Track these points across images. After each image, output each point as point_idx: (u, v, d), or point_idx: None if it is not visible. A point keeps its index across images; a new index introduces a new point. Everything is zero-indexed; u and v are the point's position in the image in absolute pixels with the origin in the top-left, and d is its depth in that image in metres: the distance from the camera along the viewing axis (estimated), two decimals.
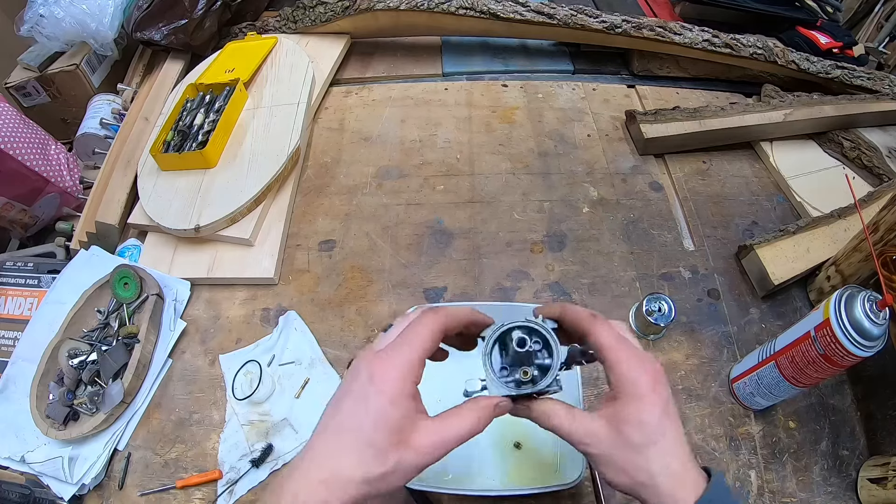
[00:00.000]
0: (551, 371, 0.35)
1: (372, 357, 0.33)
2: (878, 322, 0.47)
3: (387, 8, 0.87)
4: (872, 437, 0.61)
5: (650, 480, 0.33)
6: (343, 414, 0.32)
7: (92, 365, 0.61)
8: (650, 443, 0.33)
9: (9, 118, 0.76)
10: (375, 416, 0.31)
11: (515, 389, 0.36)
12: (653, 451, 0.33)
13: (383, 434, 0.31)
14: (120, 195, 0.77)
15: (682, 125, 0.83)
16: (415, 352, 0.33)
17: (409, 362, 0.33)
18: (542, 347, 0.37)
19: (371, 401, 0.32)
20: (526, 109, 0.92)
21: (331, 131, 0.88)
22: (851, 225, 0.72)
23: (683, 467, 0.33)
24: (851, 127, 0.87)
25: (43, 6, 0.84)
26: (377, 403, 0.31)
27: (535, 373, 0.36)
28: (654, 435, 0.33)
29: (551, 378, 0.35)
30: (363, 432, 0.31)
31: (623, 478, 0.34)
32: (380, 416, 0.31)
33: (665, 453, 0.33)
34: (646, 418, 0.33)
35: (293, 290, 0.71)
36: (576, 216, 0.78)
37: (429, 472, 0.54)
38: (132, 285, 0.66)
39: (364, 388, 0.32)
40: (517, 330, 0.36)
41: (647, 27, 0.89)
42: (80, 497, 0.57)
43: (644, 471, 0.33)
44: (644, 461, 0.33)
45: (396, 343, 0.34)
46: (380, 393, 0.31)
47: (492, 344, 0.37)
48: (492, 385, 0.36)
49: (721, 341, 0.67)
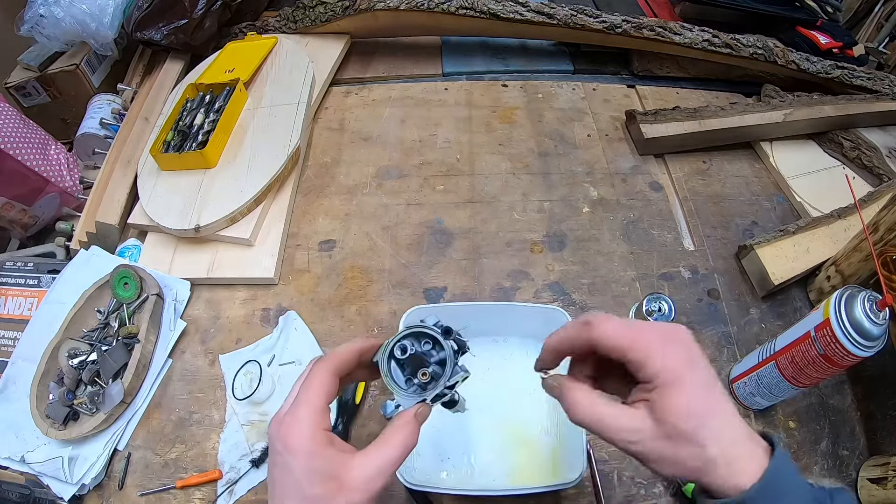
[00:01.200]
0: (448, 361, 0.36)
1: (278, 426, 0.34)
2: (878, 322, 0.47)
3: (387, 8, 0.87)
4: (872, 437, 0.61)
5: (707, 466, 0.30)
6: (277, 486, 0.33)
7: (92, 365, 0.61)
8: (700, 428, 0.30)
9: (9, 118, 0.76)
10: (302, 477, 0.32)
11: (424, 393, 0.37)
12: (705, 436, 0.30)
13: (319, 487, 0.32)
14: (120, 195, 0.77)
15: (682, 125, 0.83)
16: (311, 404, 0.34)
17: (311, 416, 0.33)
18: (434, 346, 0.38)
19: (292, 466, 0.32)
20: (526, 109, 0.92)
21: (331, 131, 0.88)
22: (851, 225, 0.72)
23: (741, 444, 0.31)
24: (851, 127, 0.87)
25: (43, 6, 0.84)
26: (299, 466, 0.32)
27: (434, 371, 0.37)
28: (704, 418, 0.30)
29: (450, 368, 0.36)
30: (302, 494, 0.32)
31: (676, 469, 0.31)
32: (307, 475, 0.32)
33: (718, 435, 0.30)
34: (691, 404, 0.30)
35: (293, 290, 0.71)
36: (576, 216, 0.78)
37: (429, 473, 0.54)
38: (132, 285, 0.66)
39: (283, 457, 0.33)
40: (399, 342, 0.37)
41: (647, 27, 0.89)
42: (80, 497, 0.57)
43: (698, 458, 0.30)
44: (697, 449, 0.30)
45: (295, 403, 0.34)
46: (296, 456, 0.32)
47: (386, 364, 0.37)
48: (402, 399, 0.37)
49: (721, 341, 0.67)
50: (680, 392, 0.30)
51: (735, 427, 0.31)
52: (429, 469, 0.55)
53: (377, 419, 0.60)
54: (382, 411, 0.37)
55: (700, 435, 0.30)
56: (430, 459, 0.56)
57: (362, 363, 0.38)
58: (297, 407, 0.34)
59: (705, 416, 0.30)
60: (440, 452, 0.56)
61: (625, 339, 0.32)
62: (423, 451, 0.56)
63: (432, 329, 0.37)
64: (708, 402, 0.31)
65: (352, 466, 0.33)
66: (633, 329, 0.32)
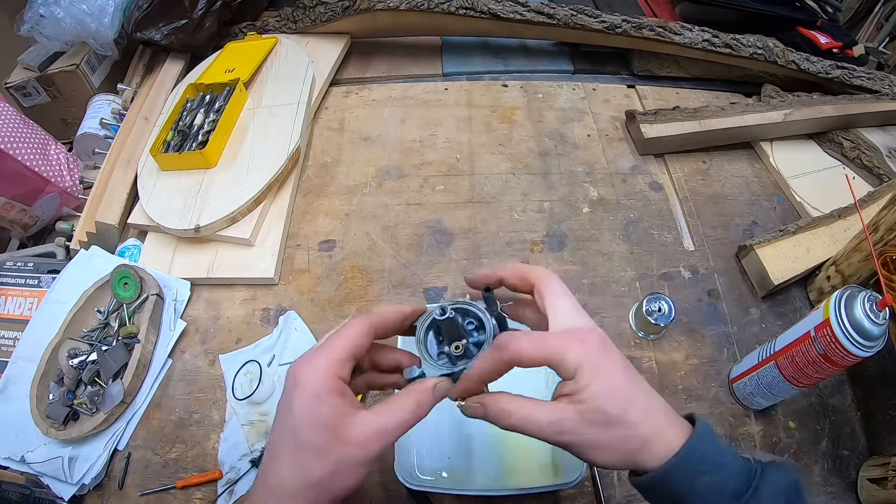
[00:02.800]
0: (486, 343, 0.35)
1: (296, 364, 0.33)
2: (878, 322, 0.47)
3: (387, 8, 0.87)
4: (872, 437, 0.61)
5: (642, 446, 0.31)
6: (277, 424, 0.32)
7: (92, 365, 0.61)
8: (629, 408, 0.31)
9: (9, 118, 0.76)
10: (302, 417, 0.31)
11: (451, 367, 0.35)
12: (635, 417, 0.31)
13: (314, 433, 0.30)
14: (120, 195, 0.77)
15: (682, 125, 0.83)
16: (336, 352, 0.33)
17: (332, 361, 0.32)
18: (477, 327, 0.37)
19: (295, 404, 0.31)
20: (526, 109, 0.92)
21: (331, 131, 0.88)
22: (851, 225, 0.72)
23: (668, 418, 0.32)
24: (851, 127, 0.87)
25: (43, 6, 0.84)
26: (301, 404, 0.31)
27: (468, 346, 0.35)
28: (630, 400, 0.32)
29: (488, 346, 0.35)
30: (296, 437, 0.31)
31: (614, 454, 0.32)
32: (306, 416, 0.31)
33: (646, 412, 0.32)
34: (615, 387, 0.32)
35: (293, 290, 0.71)
36: (576, 216, 0.78)
37: (429, 473, 0.54)
38: (132, 285, 0.66)
39: (290, 393, 0.32)
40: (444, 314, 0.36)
41: (647, 27, 0.89)
42: (80, 497, 0.57)
43: (632, 439, 0.31)
44: (629, 430, 0.31)
45: (319, 346, 0.33)
46: (303, 395, 0.31)
47: (424, 330, 0.37)
48: (427, 368, 0.36)
49: (721, 341, 0.67)
50: (602, 378, 0.31)
51: (661, 406, 0.32)
52: (429, 469, 0.55)
53: None
54: (406, 374, 0.36)
55: (630, 416, 0.31)
56: (431, 459, 0.56)
57: (403, 328, 0.37)
58: (318, 350, 0.33)
59: (631, 398, 0.32)
60: (440, 452, 0.56)
61: (541, 350, 0.32)
62: (422, 451, 0.56)
63: (479, 309, 0.36)
64: (629, 384, 0.32)
65: (353, 421, 0.31)
66: (546, 338, 0.33)
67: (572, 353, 0.32)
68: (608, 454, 0.32)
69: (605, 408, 0.31)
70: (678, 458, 0.31)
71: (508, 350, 0.33)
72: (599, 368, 0.32)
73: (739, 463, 0.32)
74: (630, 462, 0.32)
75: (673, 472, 0.31)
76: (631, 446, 0.31)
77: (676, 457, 0.31)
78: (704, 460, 0.31)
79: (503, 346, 0.33)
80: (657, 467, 0.31)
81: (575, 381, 0.32)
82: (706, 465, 0.31)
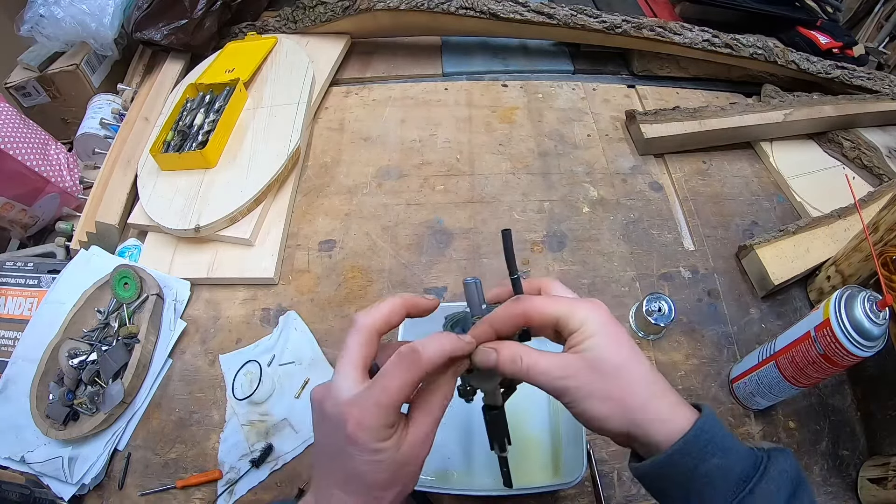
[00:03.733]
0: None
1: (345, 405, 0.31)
2: (878, 322, 0.47)
3: (387, 8, 0.87)
4: (872, 437, 0.61)
5: (641, 402, 0.32)
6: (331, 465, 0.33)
7: (92, 365, 0.61)
8: (629, 361, 0.32)
9: (9, 118, 0.76)
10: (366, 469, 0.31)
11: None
12: (635, 370, 0.32)
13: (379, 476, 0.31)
14: (120, 195, 0.77)
15: (682, 125, 0.83)
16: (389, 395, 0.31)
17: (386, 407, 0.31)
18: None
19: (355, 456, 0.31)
20: (526, 109, 0.92)
21: (331, 131, 0.88)
22: (851, 225, 0.72)
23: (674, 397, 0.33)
24: (851, 127, 0.87)
25: (43, 6, 0.84)
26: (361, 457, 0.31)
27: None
28: (631, 357, 0.32)
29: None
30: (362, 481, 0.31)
31: (610, 405, 0.32)
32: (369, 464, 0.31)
33: (647, 374, 0.32)
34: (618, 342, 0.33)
35: (293, 290, 0.71)
36: (576, 216, 0.78)
37: (429, 473, 0.54)
38: (132, 285, 0.66)
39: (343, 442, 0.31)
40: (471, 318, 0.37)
41: (647, 27, 0.89)
42: (80, 497, 0.57)
43: (632, 393, 0.32)
44: (630, 383, 0.32)
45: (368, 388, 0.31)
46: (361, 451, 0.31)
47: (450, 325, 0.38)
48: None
49: (721, 341, 0.67)
50: (607, 333, 0.33)
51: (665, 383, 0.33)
52: (429, 469, 0.55)
53: None
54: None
55: (630, 369, 0.32)
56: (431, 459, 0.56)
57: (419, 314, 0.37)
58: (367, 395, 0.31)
59: (634, 356, 0.33)
60: (440, 452, 0.56)
61: (552, 305, 0.34)
62: None
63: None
64: (632, 348, 0.33)
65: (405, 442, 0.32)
66: (560, 298, 0.35)
67: (582, 310, 0.33)
68: (606, 405, 0.32)
69: (607, 356, 0.32)
70: (687, 438, 0.31)
71: (522, 302, 0.34)
72: (606, 325, 0.33)
73: (745, 448, 0.32)
74: (627, 420, 0.32)
75: (682, 452, 0.30)
76: (629, 402, 0.32)
77: (686, 436, 0.31)
78: (712, 443, 0.31)
79: (518, 299, 0.35)
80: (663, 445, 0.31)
81: (580, 332, 0.33)
82: (714, 447, 0.31)
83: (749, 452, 0.32)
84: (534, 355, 0.33)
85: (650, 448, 0.32)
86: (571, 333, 0.33)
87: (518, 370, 0.33)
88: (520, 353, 0.33)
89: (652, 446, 0.32)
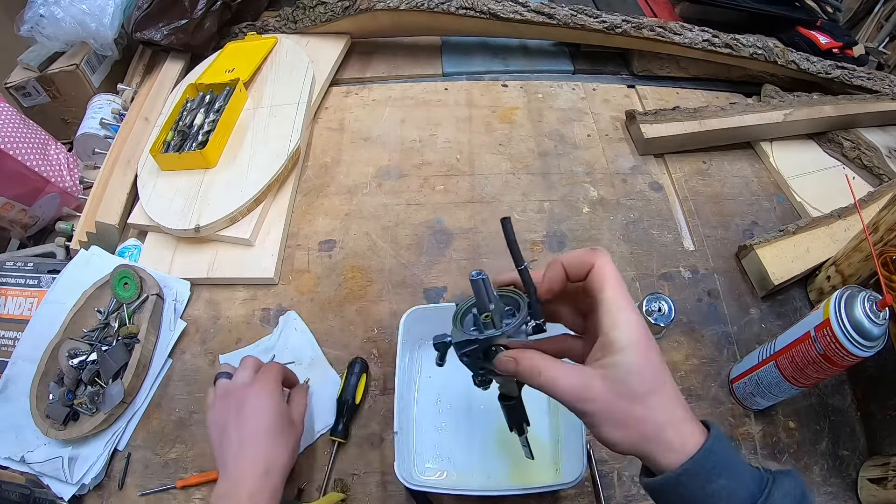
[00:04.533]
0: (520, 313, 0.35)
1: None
2: (878, 322, 0.47)
3: (387, 8, 0.87)
4: (872, 437, 0.61)
5: (657, 432, 0.31)
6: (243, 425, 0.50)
7: (92, 365, 0.61)
8: (653, 391, 0.31)
9: (9, 118, 0.76)
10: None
11: (479, 334, 0.35)
12: (656, 400, 0.31)
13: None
14: (120, 195, 0.77)
15: (682, 125, 0.83)
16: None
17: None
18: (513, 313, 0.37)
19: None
20: (526, 109, 0.92)
21: (331, 131, 0.88)
22: (851, 225, 0.72)
23: (686, 416, 0.32)
24: (851, 127, 0.87)
25: (43, 6, 0.84)
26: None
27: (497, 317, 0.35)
28: (656, 383, 0.31)
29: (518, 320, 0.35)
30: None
31: (626, 433, 0.31)
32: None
33: (669, 401, 0.32)
34: (646, 364, 0.31)
35: (293, 290, 0.71)
36: (576, 216, 0.78)
37: (429, 473, 0.54)
38: (132, 285, 0.66)
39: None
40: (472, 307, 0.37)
41: (647, 27, 0.89)
42: (80, 497, 0.57)
43: (650, 422, 0.31)
44: (649, 411, 0.31)
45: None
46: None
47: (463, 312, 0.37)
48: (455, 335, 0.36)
49: (721, 341, 0.67)
50: (638, 353, 0.31)
51: (681, 401, 0.32)
52: (429, 469, 0.55)
53: (377, 419, 0.60)
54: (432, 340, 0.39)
55: (653, 399, 0.31)
56: (431, 459, 0.56)
57: None
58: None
59: (661, 382, 0.32)
60: (440, 452, 0.56)
61: (613, 275, 0.33)
62: (423, 451, 0.56)
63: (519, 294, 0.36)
64: (661, 369, 0.32)
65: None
66: (621, 279, 0.34)
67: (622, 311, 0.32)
68: (622, 432, 0.31)
69: (633, 384, 0.31)
70: (696, 459, 0.31)
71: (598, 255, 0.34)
72: (639, 339, 0.32)
73: (752, 469, 0.32)
74: (639, 448, 0.32)
75: (690, 473, 0.31)
76: (646, 430, 0.31)
77: (694, 458, 0.31)
78: (720, 464, 0.31)
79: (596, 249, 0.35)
80: (672, 466, 0.31)
81: (611, 341, 0.32)
82: (721, 468, 0.31)
83: (755, 474, 0.32)
84: (553, 370, 0.32)
85: (659, 467, 0.32)
86: (607, 338, 0.32)
87: (537, 384, 0.33)
88: (540, 365, 0.33)
89: (661, 466, 0.32)
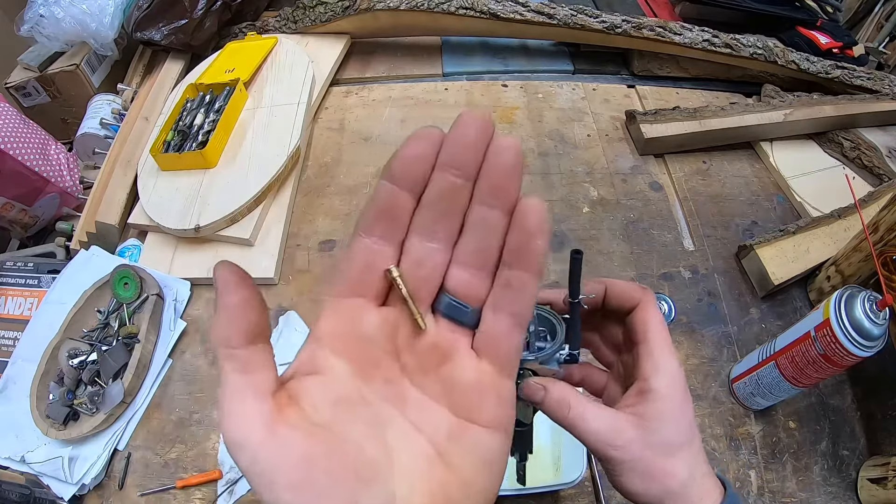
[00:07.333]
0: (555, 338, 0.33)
1: None
2: (878, 322, 0.47)
3: (387, 8, 0.87)
4: (872, 437, 0.61)
5: (682, 487, 0.29)
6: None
7: (92, 365, 0.61)
8: (685, 445, 0.30)
9: (9, 118, 0.76)
10: None
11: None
12: (686, 455, 0.30)
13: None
14: (120, 195, 0.77)
15: (682, 125, 0.83)
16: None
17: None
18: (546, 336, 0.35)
19: None
20: (526, 109, 0.92)
21: (331, 131, 0.88)
22: (851, 225, 0.72)
23: (707, 470, 0.31)
24: (851, 127, 0.87)
25: (43, 6, 0.84)
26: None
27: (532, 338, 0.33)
28: (689, 436, 0.30)
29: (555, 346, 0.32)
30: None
31: (650, 485, 0.29)
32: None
33: (696, 455, 0.30)
34: (682, 417, 0.30)
35: (293, 290, 0.71)
36: (576, 216, 0.78)
37: None
38: (132, 285, 0.66)
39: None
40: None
41: (647, 27, 0.89)
42: (80, 497, 0.57)
43: (677, 477, 0.29)
44: (678, 466, 0.29)
45: None
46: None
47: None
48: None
49: (721, 341, 0.67)
50: (674, 405, 0.30)
51: (703, 460, 0.31)
52: None
53: None
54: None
55: (683, 453, 0.29)
56: None
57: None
58: None
59: (692, 435, 0.30)
60: None
61: (657, 320, 0.31)
62: None
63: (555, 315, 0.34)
64: (693, 425, 0.31)
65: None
66: (664, 324, 0.32)
67: (664, 356, 0.31)
68: (646, 485, 0.29)
69: (666, 436, 0.29)
70: None
71: (647, 294, 0.32)
72: (678, 393, 0.30)
73: None
74: (659, 501, 0.30)
75: None
76: (672, 485, 0.29)
77: None
78: None
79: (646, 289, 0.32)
80: None
81: (649, 389, 0.30)
82: None
83: None
84: (582, 408, 0.31)
85: None
86: (646, 384, 0.30)
87: (561, 418, 0.31)
88: (570, 400, 0.31)
89: None
